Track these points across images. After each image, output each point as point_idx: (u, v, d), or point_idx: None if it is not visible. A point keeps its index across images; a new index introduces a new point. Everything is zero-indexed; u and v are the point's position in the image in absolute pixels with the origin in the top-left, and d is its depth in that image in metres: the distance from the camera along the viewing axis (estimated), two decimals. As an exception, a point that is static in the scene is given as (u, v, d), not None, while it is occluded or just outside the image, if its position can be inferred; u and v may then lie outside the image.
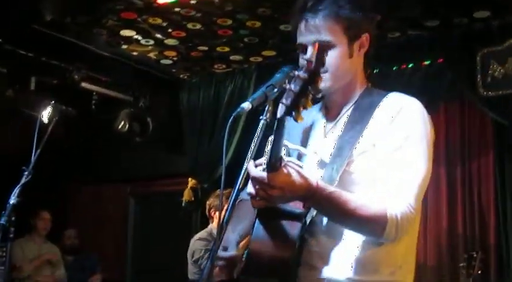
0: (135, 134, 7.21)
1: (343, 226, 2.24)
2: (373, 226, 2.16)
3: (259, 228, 2.20)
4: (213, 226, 5.83)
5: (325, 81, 2.24)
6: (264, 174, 2.02)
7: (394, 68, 6.01)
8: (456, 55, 5.75)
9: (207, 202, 5.99)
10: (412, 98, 2.35)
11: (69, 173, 8.40)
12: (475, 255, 4.95)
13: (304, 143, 2.45)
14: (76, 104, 4.64)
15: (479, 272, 4.92)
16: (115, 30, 6.06)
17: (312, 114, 2.48)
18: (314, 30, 2.31)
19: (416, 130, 2.26)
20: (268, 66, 6.76)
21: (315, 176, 2.13)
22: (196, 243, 5.82)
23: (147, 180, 8.20)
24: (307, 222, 2.22)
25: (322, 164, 2.31)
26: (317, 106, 2.52)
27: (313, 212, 2.22)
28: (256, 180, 2.04)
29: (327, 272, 2.26)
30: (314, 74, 1.74)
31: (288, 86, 1.86)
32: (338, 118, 2.40)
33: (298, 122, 1.91)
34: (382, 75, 6.14)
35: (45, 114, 4.45)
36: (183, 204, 7.14)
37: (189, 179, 7.19)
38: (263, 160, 2.11)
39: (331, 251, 2.27)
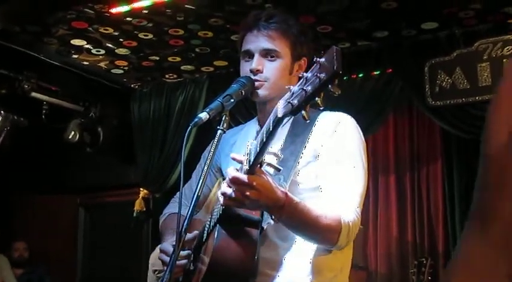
0: (86, 144, 7.14)
1: (300, 234, 2.31)
2: (330, 234, 2.24)
3: (222, 233, 2.27)
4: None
5: (264, 89, 2.41)
6: (245, 176, 2.05)
7: (344, 78, 6.08)
8: (405, 65, 5.85)
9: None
10: (345, 114, 2.52)
11: (17, 184, 8.27)
12: (424, 262, 5.03)
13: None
14: (26, 114, 4.58)
15: (429, 278, 5.00)
16: (66, 39, 6.00)
17: (239, 132, 2.71)
18: (265, 39, 2.43)
19: (355, 143, 2.42)
20: (220, 76, 6.78)
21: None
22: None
23: (98, 191, 8.12)
24: (264, 229, 2.27)
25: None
26: (241, 126, 2.75)
27: (269, 219, 2.25)
28: (236, 181, 2.06)
29: (279, 278, 2.31)
30: (337, 76, 1.77)
31: (296, 87, 1.88)
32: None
33: (306, 121, 1.93)
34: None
35: (-6, 125, 4.38)
36: (134, 214, 7.09)
37: (141, 188, 7.15)
38: (241, 160, 2.11)
39: (282, 257, 2.32)
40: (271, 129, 1.99)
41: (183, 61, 6.62)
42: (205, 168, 2.21)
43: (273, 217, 2.16)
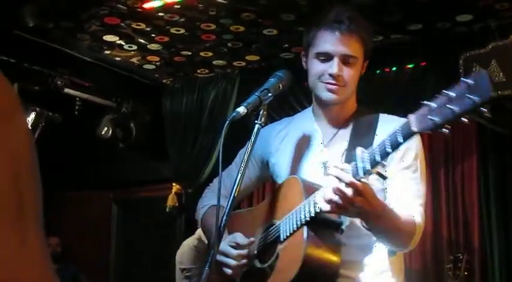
0: (118, 139, 7.16)
1: (383, 238, 2.35)
2: (407, 237, 2.32)
3: (311, 236, 2.25)
4: (201, 231, 5.81)
5: (340, 94, 2.45)
6: (359, 183, 2.06)
7: (377, 72, 6.02)
8: (439, 58, 5.78)
9: None
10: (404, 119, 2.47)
11: (51, 180, 8.31)
12: (460, 257, 4.97)
13: (297, 152, 2.55)
14: (59, 110, 4.60)
15: (465, 273, 4.95)
16: (98, 35, 6.02)
17: (288, 125, 2.69)
18: (346, 44, 2.45)
19: (419, 149, 2.45)
20: (252, 71, 6.76)
21: None
22: (187, 250, 5.78)
23: (130, 186, 8.15)
24: (344, 231, 2.32)
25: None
26: (288, 119, 2.75)
27: (347, 222, 2.33)
28: (351, 186, 2.05)
29: (362, 279, 2.39)
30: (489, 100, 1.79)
31: (435, 104, 1.92)
32: (336, 131, 2.54)
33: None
34: (366, 79, 6.16)
35: (29, 121, 4.41)
36: (167, 210, 7.10)
37: (173, 184, 7.16)
38: (345, 166, 2.12)
39: (358, 258, 2.40)
40: (401, 142, 2.00)
41: (215, 56, 6.61)
42: (243, 163, 2.19)
43: (364, 223, 2.21)
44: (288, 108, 6.50)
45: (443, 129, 1.91)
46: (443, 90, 1.91)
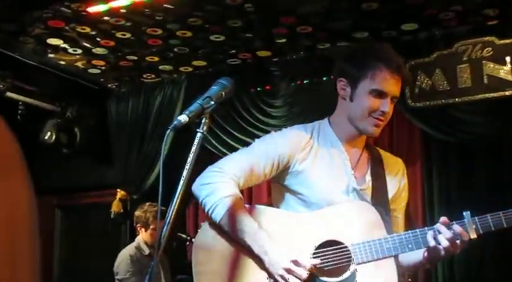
0: (62, 144, 7.05)
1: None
2: None
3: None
4: (140, 239, 5.78)
5: (380, 128, 2.67)
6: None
7: (324, 79, 6.05)
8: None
9: (135, 214, 5.90)
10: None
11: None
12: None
13: (329, 170, 2.68)
14: (1, 114, 4.49)
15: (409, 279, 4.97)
16: (42, 38, 5.92)
17: (315, 136, 2.76)
18: (398, 88, 2.62)
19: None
20: (199, 76, 6.73)
21: None
22: (123, 261, 5.73)
23: (75, 192, 8.02)
24: None
25: (363, 200, 2.64)
26: (310, 127, 2.80)
27: None
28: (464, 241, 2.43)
29: None
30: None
31: None
32: (359, 156, 2.75)
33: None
34: (313, 85, 6.19)
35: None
36: (111, 216, 7.01)
37: (118, 190, 7.07)
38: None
39: None
40: (505, 226, 2.42)
41: (161, 61, 6.56)
42: (187, 171, 2.16)
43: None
44: (236, 114, 6.50)
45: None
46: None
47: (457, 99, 5.44)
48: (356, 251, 2.46)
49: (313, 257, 2.47)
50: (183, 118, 2.12)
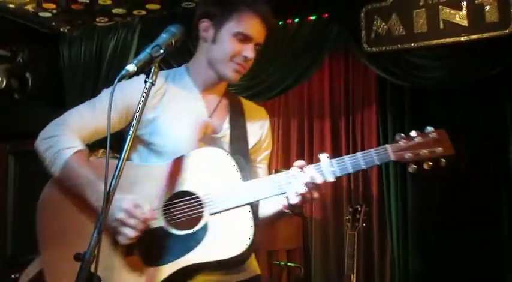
0: (14, 90, 6.91)
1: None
2: None
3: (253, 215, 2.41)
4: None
5: (241, 75, 2.60)
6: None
7: (280, 23, 5.98)
8: (341, 10, 5.77)
9: (89, 160, 5.83)
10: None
11: None
12: (359, 209, 5.04)
13: (182, 116, 2.58)
14: None
15: (363, 224, 5.03)
16: (-11, -20, 5.74)
17: (165, 83, 2.65)
18: (261, 32, 2.55)
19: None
20: (152, 19, 6.61)
21: None
22: None
23: (28, 138, 7.87)
24: None
25: (219, 143, 2.57)
26: (164, 74, 2.70)
27: None
28: (320, 185, 2.33)
29: None
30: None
31: (404, 143, 2.39)
32: (217, 102, 2.68)
33: None
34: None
35: None
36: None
37: (71, 136, 6.97)
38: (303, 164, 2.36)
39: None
40: (377, 164, 2.38)
41: (114, 4, 6.41)
42: (135, 121, 2.11)
43: (297, 210, 2.44)
44: (189, 57, 6.40)
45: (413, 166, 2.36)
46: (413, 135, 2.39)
47: (413, 44, 5.42)
48: (208, 201, 2.37)
49: (164, 210, 2.38)
50: (131, 68, 2.07)
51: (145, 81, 2.13)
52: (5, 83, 6.74)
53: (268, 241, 5.81)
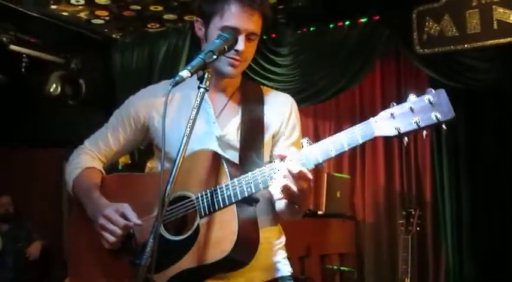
0: (68, 96, 7.02)
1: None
2: None
3: (240, 212, 2.28)
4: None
5: (239, 68, 2.49)
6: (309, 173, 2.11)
7: (330, 26, 5.96)
8: (392, 12, 5.73)
9: (147, 165, 5.91)
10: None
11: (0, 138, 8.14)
12: (413, 213, 4.98)
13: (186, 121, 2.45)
14: (5, 68, 4.45)
15: (417, 229, 4.97)
16: (44, -11, 5.85)
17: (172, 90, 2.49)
18: (253, 22, 2.43)
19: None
20: (203, 25, 6.64)
21: None
22: None
23: (81, 143, 7.99)
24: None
25: (229, 146, 2.47)
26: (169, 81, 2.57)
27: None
28: (305, 176, 2.09)
29: None
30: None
31: (399, 111, 1.99)
32: (226, 102, 2.57)
33: None
34: (319, 33, 6.10)
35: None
36: (119, 167, 7.01)
37: (125, 141, 7.05)
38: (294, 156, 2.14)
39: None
40: (361, 143, 2.04)
41: (165, 10, 6.46)
42: (188, 129, 2.11)
43: (296, 207, 2.26)
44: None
45: (405, 139, 1.96)
46: (409, 100, 1.97)
47: (465, 45, 5.35)
48: (199, 204, 2.32)
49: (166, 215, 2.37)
50: (185, 73, 2.08)
51: (199, 87, 2.13)
52: (59, 89, 6.85)
53: (320, 245, 5.79)
